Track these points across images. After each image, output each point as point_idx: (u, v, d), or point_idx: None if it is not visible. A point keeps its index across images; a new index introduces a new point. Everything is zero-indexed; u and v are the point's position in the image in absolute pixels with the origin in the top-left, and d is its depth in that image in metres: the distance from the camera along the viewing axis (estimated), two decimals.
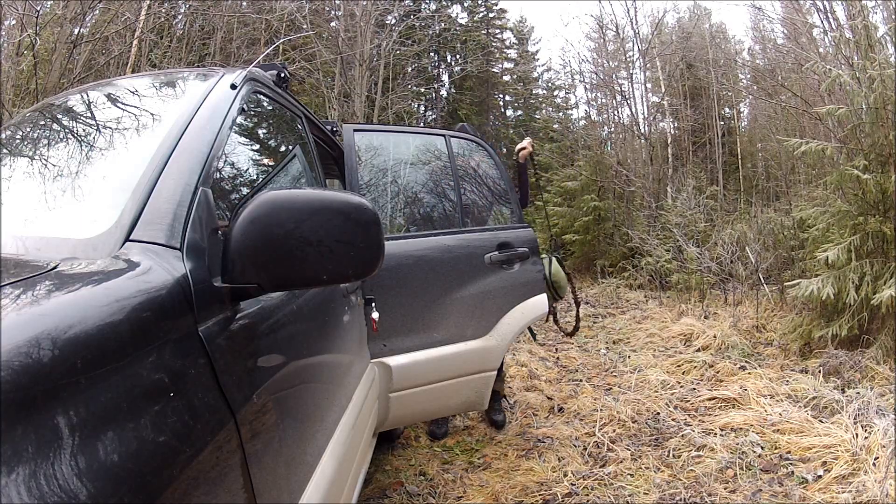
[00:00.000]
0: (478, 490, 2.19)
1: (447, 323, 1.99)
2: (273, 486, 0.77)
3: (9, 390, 0.40)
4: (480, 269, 2.09)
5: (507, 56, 22.74)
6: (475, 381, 2.06)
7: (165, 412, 0.55)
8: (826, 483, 2.06)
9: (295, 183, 1.48)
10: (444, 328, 1.98)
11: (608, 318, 5.86)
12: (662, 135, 12.83)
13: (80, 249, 0.67)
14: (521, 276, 2.19)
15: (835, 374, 3.19)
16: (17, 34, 4.79)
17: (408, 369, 1.87)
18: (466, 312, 2.04)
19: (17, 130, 1.15)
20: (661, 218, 7.71)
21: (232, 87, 1.10)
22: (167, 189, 0.78)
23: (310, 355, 1.08)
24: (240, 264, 0.74)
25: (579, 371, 3.92)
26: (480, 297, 2.07)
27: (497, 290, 2.12)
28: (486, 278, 2.09)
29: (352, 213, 0.78)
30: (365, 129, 2.14)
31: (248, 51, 8.44)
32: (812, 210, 4.25)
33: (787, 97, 8.87)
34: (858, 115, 3.75)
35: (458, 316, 2.01)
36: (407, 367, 1.86)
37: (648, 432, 2.68)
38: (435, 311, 1.97)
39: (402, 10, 14.81)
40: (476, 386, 2.08)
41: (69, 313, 0.50)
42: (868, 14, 5.02)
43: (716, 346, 4.09)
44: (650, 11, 17.76)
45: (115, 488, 0.46)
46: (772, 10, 12.86)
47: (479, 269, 2.08)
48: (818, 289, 3.49)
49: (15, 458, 0.39)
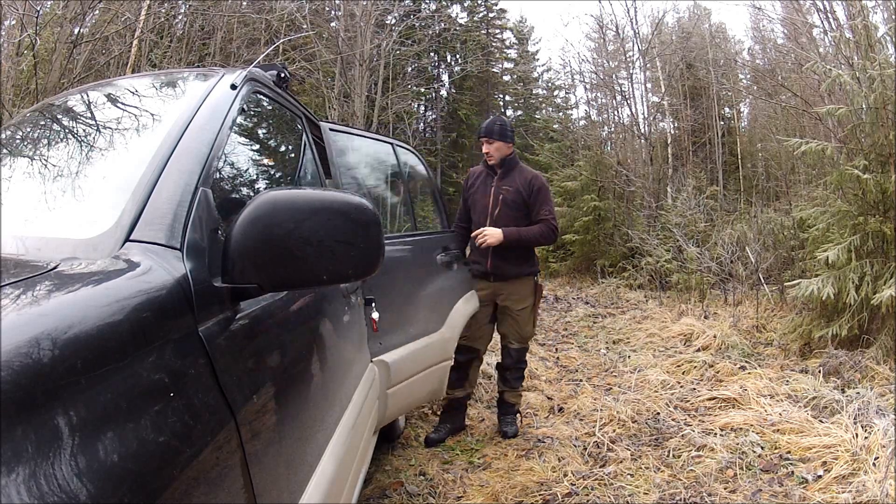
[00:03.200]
0: (478, 490, 2.19)
1: (419, 318, 2.12)
2: (273, 486, 0.77)
3: (9, 390, 0.40)
4: (435, 268, 2.33)
5: (507, 56, 22.75)
6: (439, 370, 2.24)
7: (165, 412, 0.55)
8: (826, 483, 2.06)
9: (295, 183, 1.48)
10: (417, 323, 2.10)
11: (608, 318, 5.86)
12: (662, 135, 12.84)
13: (81, 249, 0.67)
14: (458, 275, 2.55)
15: (835, 374, 3.19)
16: (17, 34, 4.79)
17: (399, 364, 1.95)
18: (430, 307, 2.23)
19: (17, 130, 1.15)
20: (661, 218, 7.72)
21: (232, 88, 1.10)
22: (167, 189, 0.78)
23: (310, 355, 1.08)
24: (240, 264, 0.74)
25: (579, 371, 3.92)
26: (438, 294, 2.31)
27: (446, 287, 2.40)
28: (438, 276, 2.34)
29: (352, 213, 0.78)
30: (336, 130, 2.18)
31: (248, 51, 8.44)
32: (812, 210, 4.25)
33: (787, 97, 8.88)
34: (858, 115, 3.75)
35: (425, 311, 2.19)
36: (398, 362, 1.94)
37: (648, 432, 2.68)
38: (412, 307, 2.10)
39: (402, 10, 14.81)
40: (440, 375, 2.27)
41: (69, 313, 0.50)
42: (868, 14, 5.02)
43: (716, 346, 4.09)
44: (650, 11, 17.77)
45: (115, 488, 0.46)
46: (772, 10, 12.86)
47: (433, 268, 2.32)
48: (818, 289, 3.49)
49: (15, 458, 0.39)
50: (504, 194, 2.62)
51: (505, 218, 2.61)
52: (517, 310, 2.68)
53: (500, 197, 2.63)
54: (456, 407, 2.75)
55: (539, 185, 2.64)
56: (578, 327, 5.54)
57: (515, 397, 2.79)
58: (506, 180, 2.65)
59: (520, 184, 2.62)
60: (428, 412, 3.01)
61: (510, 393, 2.77)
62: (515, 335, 2.72)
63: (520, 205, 2.61)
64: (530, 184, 2.63)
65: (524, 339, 2.76)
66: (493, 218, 2.62)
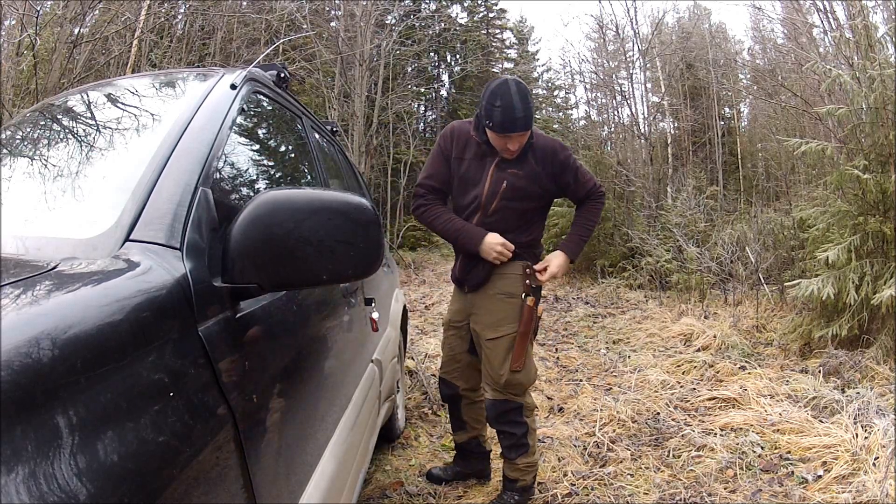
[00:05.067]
0: (478, 490, 2.19)
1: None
2: (273, 486, 0.77)
3: (9, 390, 0.40)
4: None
5: (507, 56, 22.75)
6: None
7: (165, 412, 0.55)
8: (826, 483, 2.06)
9: (295, 183, 1.48)
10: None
11: (608, 318, 5.86)
12: (662, 135, 12.86)
13: (80, 249, 0.67)
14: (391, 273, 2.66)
15: (835, 374, 3.19)
16: (17, 34, 4.79)
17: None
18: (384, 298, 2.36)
19: (17, 130, 1.15)
20: (661, 218, 7.71)
21: (232, 88, 1.10)
22: (167, 189, 0.78)
23: (310, 355, 1.08)
24: (240, 264, 0.74)
25: (579, 371, 3.91)
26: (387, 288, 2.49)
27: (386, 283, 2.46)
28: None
29: (352, 212, 0.78)
30: None
31: (248, 51, 8.44)
32: (812, 210, 4.24)
33: (787, 97, 8.88)
34: (858, 115, 3.75)
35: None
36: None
37: (648, 432, 2.68)
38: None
39: (402, 10, 14.82)
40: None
41: (69, 313, 0.50)
42: (868, 14, 5.03)
43: (716, 346, 4.09)
44: (650, 11, 17.80)
45: (114, 488, 0.46)
46: (772, 10, 12.88)
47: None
48: (818, 289, 3.49)
49: (15, 458, 0.39)
50: (510, 180, 1.83)
51: (506, 213, 1.86)
52: (487, 339, 1.88)
53: (504, 184, 1.83)
54: (460, 452, 2.23)
55: (564, 156, 1.89)
56: (578, 327, 5.53)
57: (514, 471, 1.97)
58: (515, 162, 1.84)
59: (537, 164, 1.85)
60: (428, 412, 3.01)
61: (507, 464, 2.00)
62: (487, 377, 1.92)
63: (535, 192, 1.87)
64: (554, 159, 1.86)
65: (499, 385, 1.88)
66: (488, 213, 1.87)
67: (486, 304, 1.91)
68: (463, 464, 2.23)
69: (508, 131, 1.73)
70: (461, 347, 2.04)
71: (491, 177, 1.85)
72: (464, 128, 1.92)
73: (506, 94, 1.70)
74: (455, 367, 2.07)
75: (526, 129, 1.75)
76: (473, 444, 2.18)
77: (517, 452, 1.95)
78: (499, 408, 1.92)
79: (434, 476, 2.24)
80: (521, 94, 1.72)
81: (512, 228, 1.89)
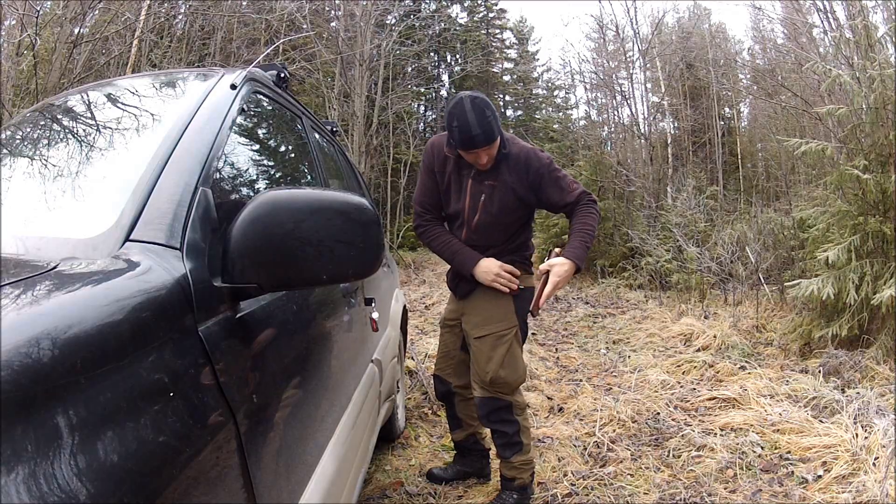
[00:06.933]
0: (478, 490, 2.19)
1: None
2: (273, 486, 0.77)
3: (9, 390, 0.40)
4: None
5: (507, 56, 22.77)
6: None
7: (165, 412, 0.55)
8: (826, 483, 2.06)
9: (295, 183, 1.48)
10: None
11: (608, 318, 5.86)
12: (662, 135, 12.86)
13: (80, 249, 0.67)
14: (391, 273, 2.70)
15: (835, 374, 3.19)
16: (17, 34, 4.79)
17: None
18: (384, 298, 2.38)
19: (17, 130, 1.15)
20: (661, 218, 7.72)
21: (232, 88, 1.10)
22: (167, 189, 0.78)
23: (310, 355, 1.08)
24: (240, 264, 0.74)
25: (579, 371, 3.92)
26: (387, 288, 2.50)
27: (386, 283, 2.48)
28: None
29: (352, 212, 0.78)
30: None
31: (248, 51, 8.45)
32: (812, 210, 4.25)
33: (787, 97, 8.88)
34: (858, 115, 3.76)
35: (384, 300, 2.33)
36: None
37: (648, 432, 2.68)
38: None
39: (402, 10, 14.82)
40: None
41: (69, 313, 0.50)
42: (868, 14, 5.03)
43: (716, 346, 4.09)
44: (650, 11, 17.80)
45: (114, 488, 0.46)
46: (772, 10, 12.88)
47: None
48: (818, 289, 3.49)
49: (15, 458, 0.39)
50: (487, 192, 1.85)
51: (489, 230, 1.89)
52: (474, 338, 1.93)
53: (483, 197, 1.85)
54: (459, 450, 2.27)
55: (539, 165, 1.85)
56: (578, 327, 5.53)
57: (511, 470, 1.98)
58: (490, 173, 1.85)
59: (510, 174, 1.84)
60: (428, 412, 3.01)
61: (503, 463, 2.01)
62: (475, 375, 1.95)
63: (514, 204, 1.87)
64: (528, 167, 1.84)
65: (485, 383, 1.90)
66: (472, 228, 1.90)
67: (474, 304, 1.97)
68: (463, 462, 2.27)
69: (469, 149, 1.75)
70: (454, 345, 2.09)
71: (469, 190, 1.88)
72: (441, 142, 1.93)
73: (461, 114, 1.71)
74: (448, 363, 2.11)
75: (487, 143, 1.73)
76: (471, 441, 2.22)
77: (511, 451, 1.97)
78: (488, 406, 1.95)
79: (434, 476, 2.26)
80: (475, 110, 1.70)
81: (498, 243, 1.93)
